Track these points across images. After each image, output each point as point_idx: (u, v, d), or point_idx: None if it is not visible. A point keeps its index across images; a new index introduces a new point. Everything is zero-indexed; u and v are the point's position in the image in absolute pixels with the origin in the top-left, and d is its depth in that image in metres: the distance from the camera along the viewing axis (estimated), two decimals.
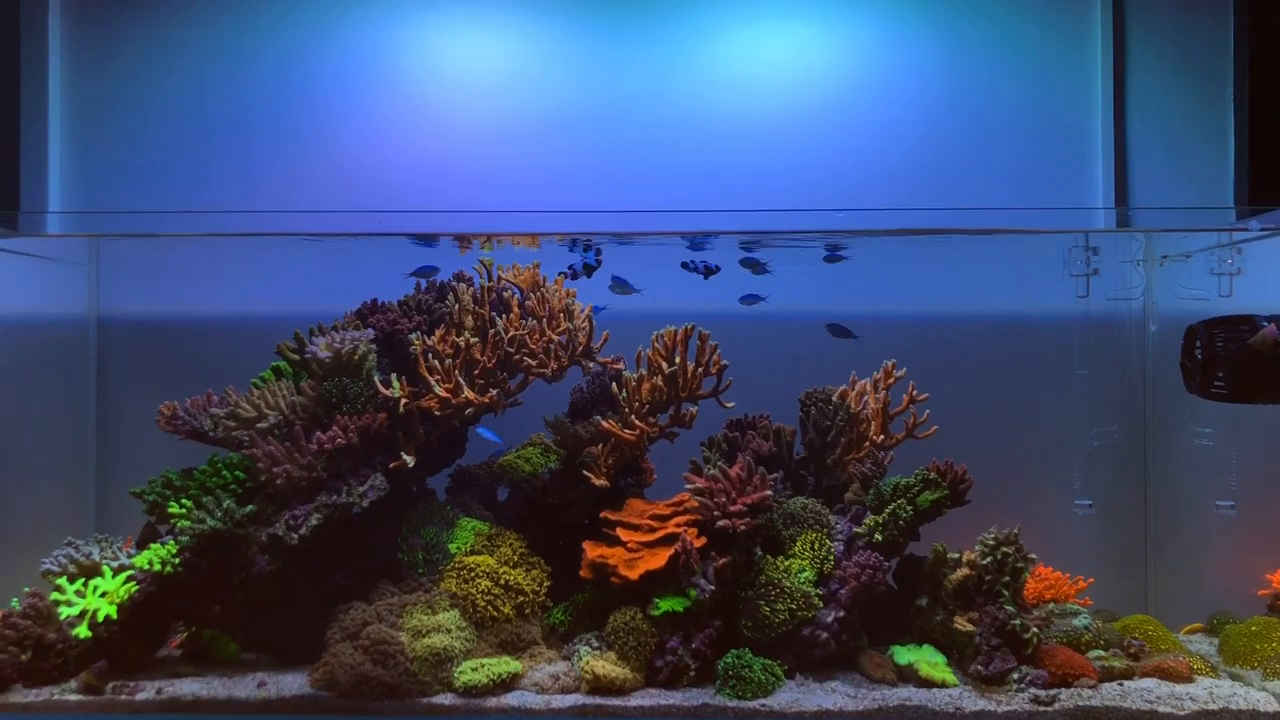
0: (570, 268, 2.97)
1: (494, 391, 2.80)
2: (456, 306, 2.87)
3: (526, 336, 2.85)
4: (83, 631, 2.49)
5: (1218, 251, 2.95)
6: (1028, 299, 3.37)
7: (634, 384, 2.79)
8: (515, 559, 2.74)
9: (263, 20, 3.41)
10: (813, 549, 2.68)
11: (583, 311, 2.95)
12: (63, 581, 2.57)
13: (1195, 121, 3.27)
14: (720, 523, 2.58)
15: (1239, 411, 2.67)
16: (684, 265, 3.04)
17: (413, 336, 2.82)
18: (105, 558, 2.64)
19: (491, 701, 2.42)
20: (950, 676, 2.50)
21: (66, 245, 3.35)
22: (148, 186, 3.37)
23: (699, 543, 2.58)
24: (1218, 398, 2.58)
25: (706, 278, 2.99)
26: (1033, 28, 3.36)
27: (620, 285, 3.04)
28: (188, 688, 2.50)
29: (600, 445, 2.84)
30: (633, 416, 2.78)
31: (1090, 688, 2.47)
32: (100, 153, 3.40)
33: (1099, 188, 3.31)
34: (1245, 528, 3.03)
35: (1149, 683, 2.51)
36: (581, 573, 2.64)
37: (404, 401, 2.73)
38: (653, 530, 2.65)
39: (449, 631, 2.53)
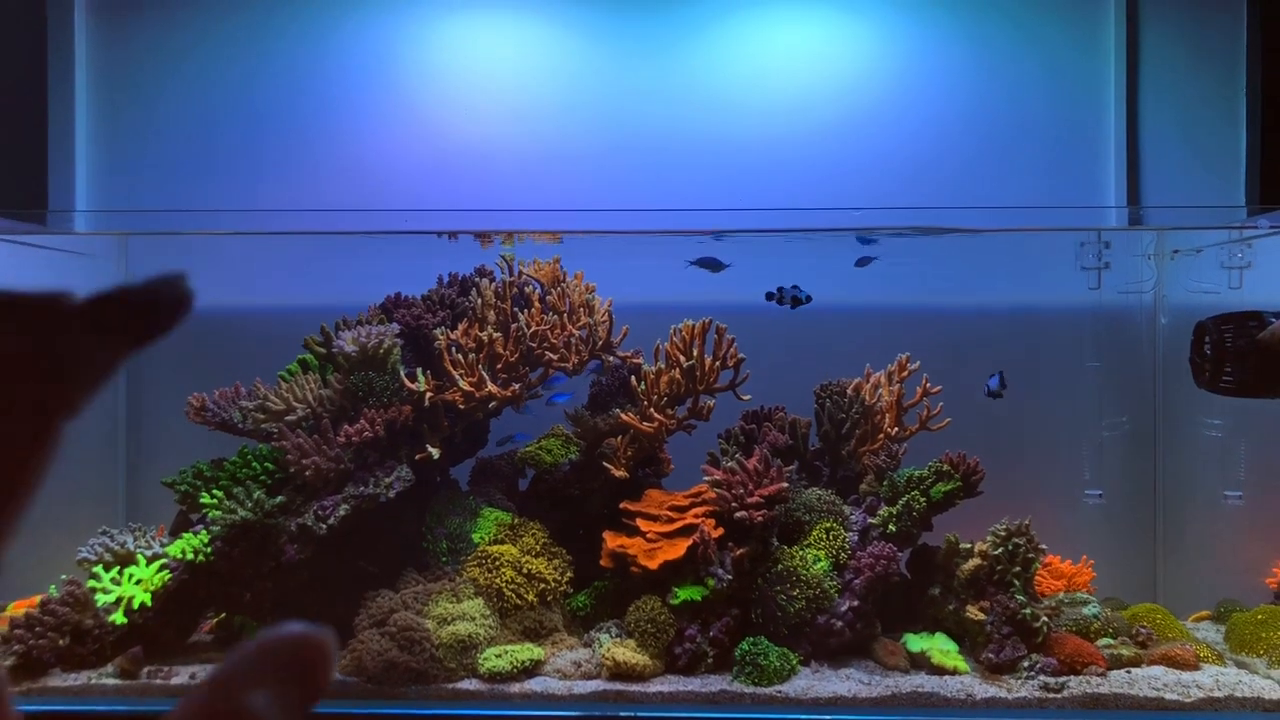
0: (779, 291, 2.90)
1: (516, 385, 2.86)
2: (479, 301, 2.93)
3: (548, 331, 2.91)
4: (119, 618, 2.57)
5: (1228, 246, 2.99)
6: (1040, 292, 3.41)
7: (652, 377, 2.85)
8: (538, 548, 2.80)
9: (282, 16, 3.46)
10: (828, 539, 2.74)
11: (602, 306, 3.00)
12: (99, 569, 2.65)
13: (1209, 117, 3.30)
14: (738, 514, 2.64)
15: (1248, 404, 2.72)
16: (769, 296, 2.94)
17: (437, 332, 2.88)
18: (139, 546, 2.72)
19: (515, 687, 2.49)
20: (962, 664, 2.57)
21: (96, 239, 3.41)
22: (174, 182, 3.43)
23: (717, 533, 2.64)
24: (1226, 392, 2.60)
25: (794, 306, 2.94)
26: (1048, 23, 3.39)
27: (710, 264, 3.03)
28: None
29: (619, 437, 2.90)
30: (651, 409, 2.83)
31: (1099, 675, 2.52)
32: (125, 147, 3.45)
33: (1111, 183, 3.34)
34: (1253, 518, 3.07)
35: (1156, 670, 2.57)
36: (602, 562, 2.71)
37: (429, 395, 2.79)
38: (671, 521, 2.71)
39: (473, 619, 2.59)
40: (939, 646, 2.62)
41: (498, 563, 2.72)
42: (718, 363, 2.82)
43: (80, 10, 3.41)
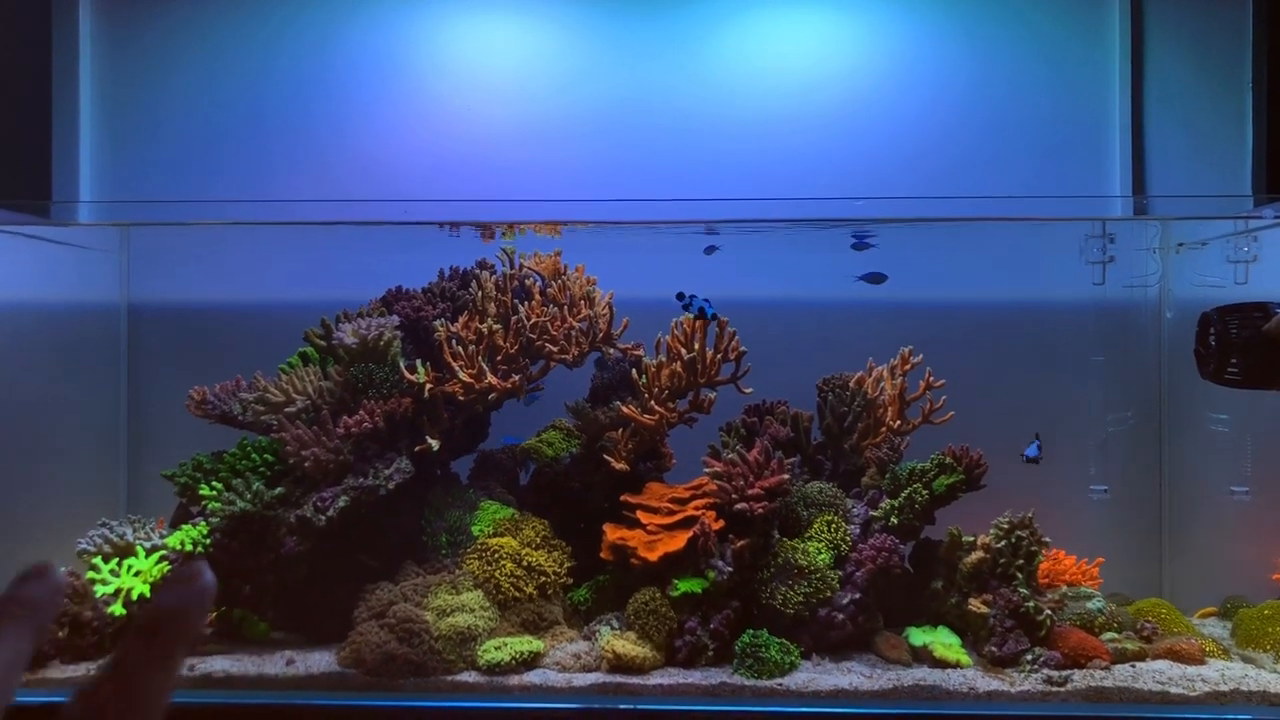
0: (690, 298, 2.85)
1: (516, 377, 2.85)
2: (480, 294, 2.92)
3: (548, 323, 2.90)
4: (118, 609, 2.57)
5: (1233, 239, 2.97)
6: (1044, 286, 3.39)
7: (653, 370, 2.84)
8: (538, 541, 2.79)
9: (289, 8, 3.47)
10: (829, 532, 2.72)
11: (603, 299, 2.99)
12: (98, 561, 2.65)
13: (1213, 108, 3.28)
14: (738, 506, 2.62)
15: (1254, 397, 2.69)
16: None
17: (437, 323, 2.87)
18: (138, 538, 2.72)
19: (514, 679, 2.47)
20: (964, 657, 2.54)
21: (98, 233, 3.42)
22: (177, 174, 3.43)
23: (717, 525, 2.63)
24: (1231, 384, 2.59)
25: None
26: (1052, 16, 3.37)
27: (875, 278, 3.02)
28: (219, 665, 2.57)
29: (620, 430, 2.89)
30: (652, 402, 2.82)
31: (1103, 669, 2.50)
32: (129, 141, 3.45)
33: (1116, 175, 3.33)
34: (1259, 513, 3.05)
35: (1161, 664, 2.55)
36: (602, 554, 2.69)
37: (429, 386, 2.78)
38: (672, 513, 2.69)
39: (473, 611, 2.58)
40: (941, 640, 2.60)
41: (497, 555, 2.70)
42: (719, 355, 2.81)
43: (85, 1, 3.42)
